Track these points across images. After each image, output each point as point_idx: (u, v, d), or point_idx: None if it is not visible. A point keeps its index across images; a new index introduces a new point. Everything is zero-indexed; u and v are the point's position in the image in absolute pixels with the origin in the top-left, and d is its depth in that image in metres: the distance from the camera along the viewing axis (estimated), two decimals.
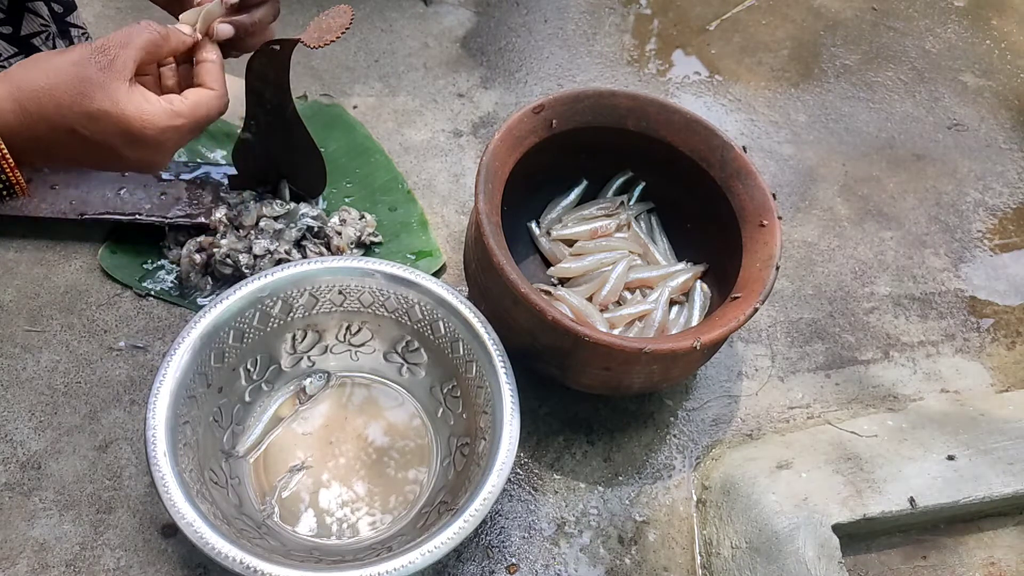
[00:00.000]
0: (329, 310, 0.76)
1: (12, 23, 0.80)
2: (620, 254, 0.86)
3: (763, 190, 0.78)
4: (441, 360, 0.76)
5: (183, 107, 0.59)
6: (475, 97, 1.10)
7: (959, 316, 0.97)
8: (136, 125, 0.56)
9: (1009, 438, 0.79)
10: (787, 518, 0.71)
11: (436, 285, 0.73)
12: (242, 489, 0.70)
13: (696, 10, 1.28)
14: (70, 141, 0.56)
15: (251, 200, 0.86)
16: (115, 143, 0.57)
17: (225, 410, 0.72)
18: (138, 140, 0.57)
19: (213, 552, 0.58)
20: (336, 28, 0.68)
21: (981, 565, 0.75)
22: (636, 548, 0.75)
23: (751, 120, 1.13)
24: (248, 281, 0.71)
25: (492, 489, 0.62)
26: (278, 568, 0.58)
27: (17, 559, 0.69)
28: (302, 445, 0.75)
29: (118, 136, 0.56)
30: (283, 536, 0.68)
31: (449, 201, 0.98)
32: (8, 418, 0.76)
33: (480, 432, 0.70)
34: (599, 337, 0.67)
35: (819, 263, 0.99)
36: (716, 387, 0.87)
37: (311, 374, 0.78)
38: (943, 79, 1.23)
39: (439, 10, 1.20)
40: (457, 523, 0.61)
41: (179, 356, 0.66)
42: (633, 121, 0.82)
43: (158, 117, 0.57)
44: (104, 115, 0.55)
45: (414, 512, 0.71)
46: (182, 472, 0.62)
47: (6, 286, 0.84)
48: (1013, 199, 1.10)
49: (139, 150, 0.58)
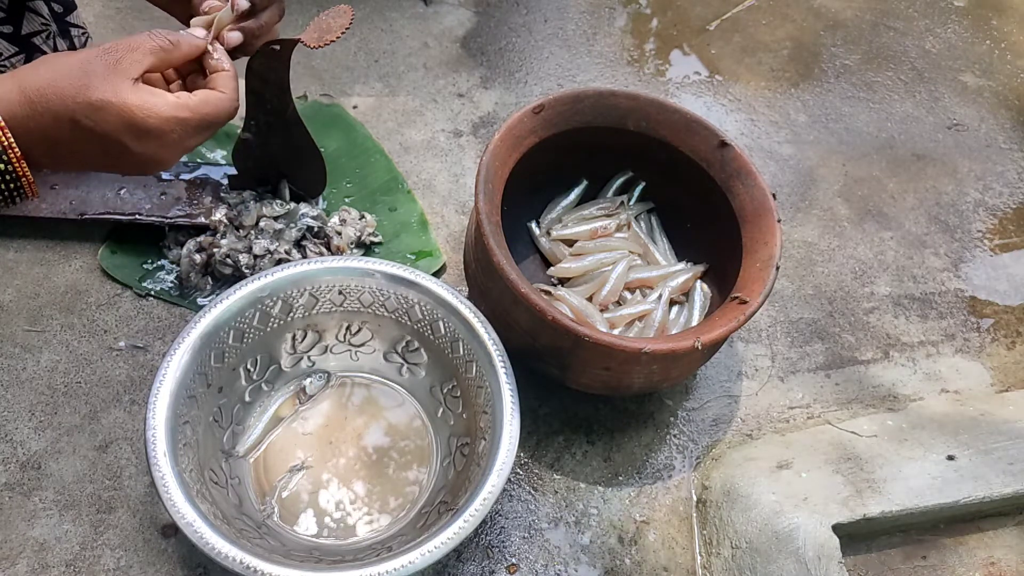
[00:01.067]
0: (329, 310, 0.76)
1: (13, 22, 0.80)
2: (620, 254, 0.86)
3: (763, 190, 0.78)
4: (441, 360, 0.76)
5: (190, 102, 0.59)
6: (475, 97, 1.10)
7: (959, 316, 0.97)
8: (139, 115, 0.56)
9: (1009, 438, 0.79)
10: (787, 518, 0.71)
11: (436, 285, 0.73)
12: (242, 489, 0.70)
13: (696, 10, 1.28)
14: (75, 135, 0.56)
15: (251, 200, 0.86)
16: (119, 135, 0.56)
17: (225, 410, 0.72)
18: (142, 131, 0.57)
19: (213, 552, 0.58)
20: (336, 28, 0.68)
21: (981, 565, 0.75)
22: (636, 548, 0.75)
23: (751, 120, 1.13)
24: (248, 281, 0.71)
25: (492, 489, 0.62)
26: (278, 568, 0.58)
27: (17, 559, 0.69)
28: (302, 445, 0.75)
29: (122, 127, 0.56)
30: (283, 536, 0.68)
31: (449, 201, 0.98)
32: (8, 418, 0.76)
33: (480, 432, 0.70)
34: (599, 337, 0.67)
35: (819, 263, 0.99)
36: (716, 387, 0.87)
37: (311, 374, 0.78)
38: (943, 79, 1.23)
39: (439, 10, 1.20)
40: (457, 523, 0.61)
41: (179, 356, 0.66)
42: (633, 121, 0.82)
43: (161, 108, 0.57)
44: (106, 104, 0.55)
45: (414, 512, 0.71)
46: (182, 472, 0.62)
47: (6, 286, 0.84)
48: (1013, 199, 1.10)
49: (144, 143, 0.58)
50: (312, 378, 0.77)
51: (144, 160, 0.59)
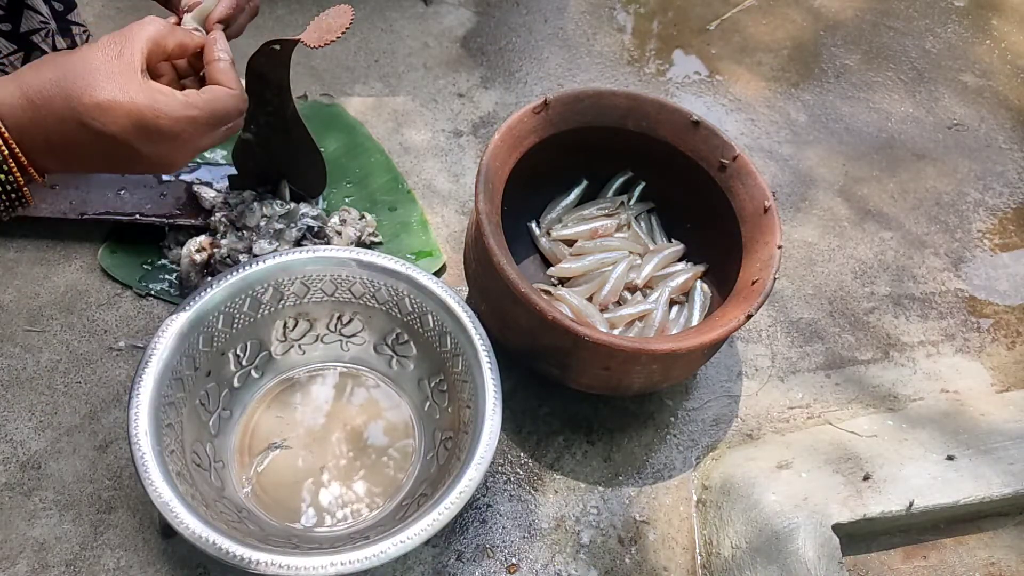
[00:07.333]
0: (320, 299, 0.76)
1: (11, 20, 0.80)
2: (620, 254, 0.86)
3: (763, 190, 0.78)
4: (429, 353, 0.76)
5: (198, 99, 0.57)
6: (475, 97, 1.10)
7: (959, 316, 0.97)
8: (149, 115, 0.54)
9: (1009, 438, 0.79)
10: (787, 518, 0.71)
11: (425, 278, 0.73)
12: (225, 473, 0.71)
13: (696, 10, 1.28)
14: (81, 137, 0.54)
15: (252, 200, 0.86)
16: (128, 137, 0.54)
17: (212, 394, 0.73)
18: (152, 132, 0.55)
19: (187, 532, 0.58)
20: (336, 28, 0.68)
21: (981, 565, 0.75)
22: (636, 548, 0.75)
23: (751, 120, 1.13)
24: (236, 269, 0.72)
25: (469, 482, 0.63)
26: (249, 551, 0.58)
27: (17, 559, 0.69)
28: (287, 433, 0.75)
29: (131, 128, 0.54)
30: (262, 521, 0.69)
31: (449, 201, 0.98)
32: (8, 418, 0.76)
33: (464, 426, 0.70)
34: (599, 337, 0.67)
35: (819, 263, 0.99)
36: (716, 387, 0.87)
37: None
38: (943, 79, 1.23)
39: (439, 10, 1.20)
40: (432, 515, 0.61)
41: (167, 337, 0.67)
42: (633, 121, 0.82)
43: (172, 107, 0.55)
44: (115, 105, 0.53)
45: (394, 504, 0.71)
46: (163, 451, 0.62)
47: (6, 286, 0.84)
48: (1013, 199, 1.10)
49: (154, 144, 0.56)
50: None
51: (154, 161, 0.57)
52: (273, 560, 0.58)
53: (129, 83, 0.54)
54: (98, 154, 0.56)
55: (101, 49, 0.54)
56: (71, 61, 0.54)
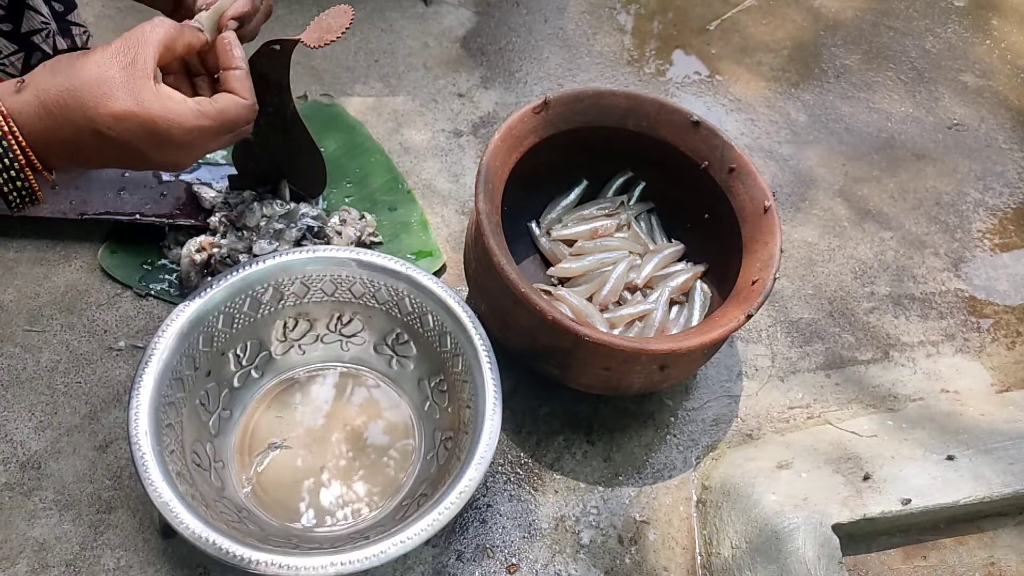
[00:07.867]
0: (320, 299, 0.76)
1: (12, 20, 0.80)
2: (620, 254, 0.86)
3: (763, 190, 0.78)
4: (429, 353, 0.76)
5: (210, 108, 0.59)
6: (475, 97, 1.10)
7: (959, 316, 0.97)
8: (162, 125, 0.56)
9: (1009, 438, 0.79)
10: (787, 518, 0.71)
11: (425, 278, 0.73)
12: (226, 473, 0.71)
13: (696, 10, 1.28)
14: (95, 143, 0.56)
15: (252, 200, 0.86)
16: (141, 144, 0.56)
17: (212, 394, 0.73)
18: (164, 141, 0.57)
19: (187, 532, 0.58)
20: (336, 28, 0.68)
21: (981, 565, 0.75)
22: (636, 548, 0.75)
23: (751, 120, 1.13)
24: (236, 269, 0.72)
25: (469, 482, 0.63)
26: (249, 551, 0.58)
27: (17, 559, 0.69)
28: (287, 433, 0.75)
29: (144, 137, 0.56)
30: (262, 521, 0.69)
31: (449, 201, 0.98)
32: (8, 418, 0.76)
33: (464, 426, 0.70)
34: (599, 337, 0.67)
35: (819, 263, 0.99)
36: (716, 387, 0.87)
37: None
38: (943, 79, 1.23)
39: (439, 10, 1.20)
40: (432, 515, 0.61)
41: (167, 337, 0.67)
42: (633, 121, 0.82)
43: (184, 117, 0.57)
44: (130, 115, 0.55)
45: (394, 504, 0.71)
46: (163, 451, 0.62)
47: (6, 286, 0.84)
48: (1013, 199, 1.10)
49: (165, 151, 0.58)
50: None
51: (162, 163, 0.59)
52: (273, 560, 0.58)
53: (143, 92, 0.55)
54: (109, 156, 0.58)
55: (115, 56, 0.55)
56: (87, 69, 0.55)
